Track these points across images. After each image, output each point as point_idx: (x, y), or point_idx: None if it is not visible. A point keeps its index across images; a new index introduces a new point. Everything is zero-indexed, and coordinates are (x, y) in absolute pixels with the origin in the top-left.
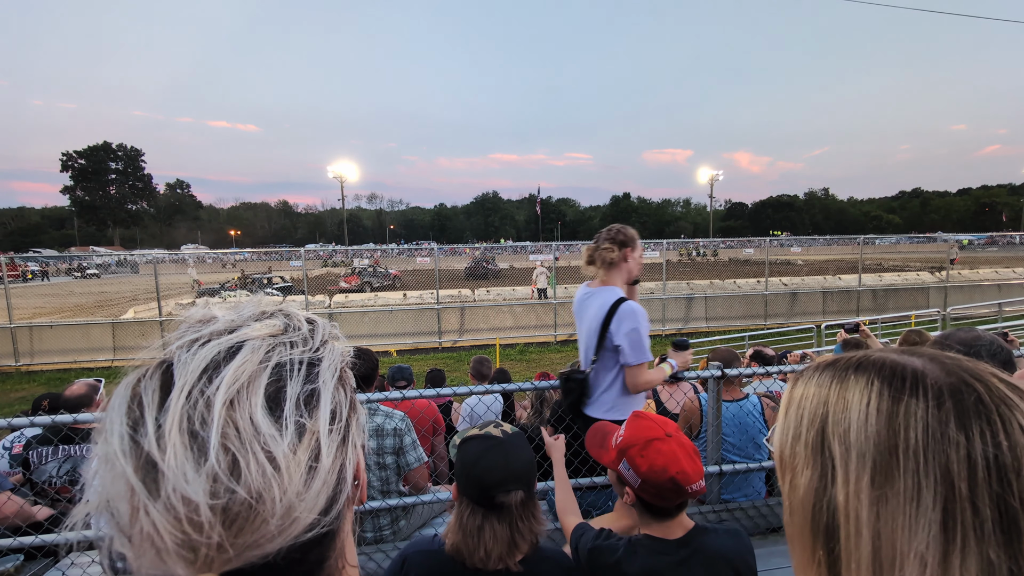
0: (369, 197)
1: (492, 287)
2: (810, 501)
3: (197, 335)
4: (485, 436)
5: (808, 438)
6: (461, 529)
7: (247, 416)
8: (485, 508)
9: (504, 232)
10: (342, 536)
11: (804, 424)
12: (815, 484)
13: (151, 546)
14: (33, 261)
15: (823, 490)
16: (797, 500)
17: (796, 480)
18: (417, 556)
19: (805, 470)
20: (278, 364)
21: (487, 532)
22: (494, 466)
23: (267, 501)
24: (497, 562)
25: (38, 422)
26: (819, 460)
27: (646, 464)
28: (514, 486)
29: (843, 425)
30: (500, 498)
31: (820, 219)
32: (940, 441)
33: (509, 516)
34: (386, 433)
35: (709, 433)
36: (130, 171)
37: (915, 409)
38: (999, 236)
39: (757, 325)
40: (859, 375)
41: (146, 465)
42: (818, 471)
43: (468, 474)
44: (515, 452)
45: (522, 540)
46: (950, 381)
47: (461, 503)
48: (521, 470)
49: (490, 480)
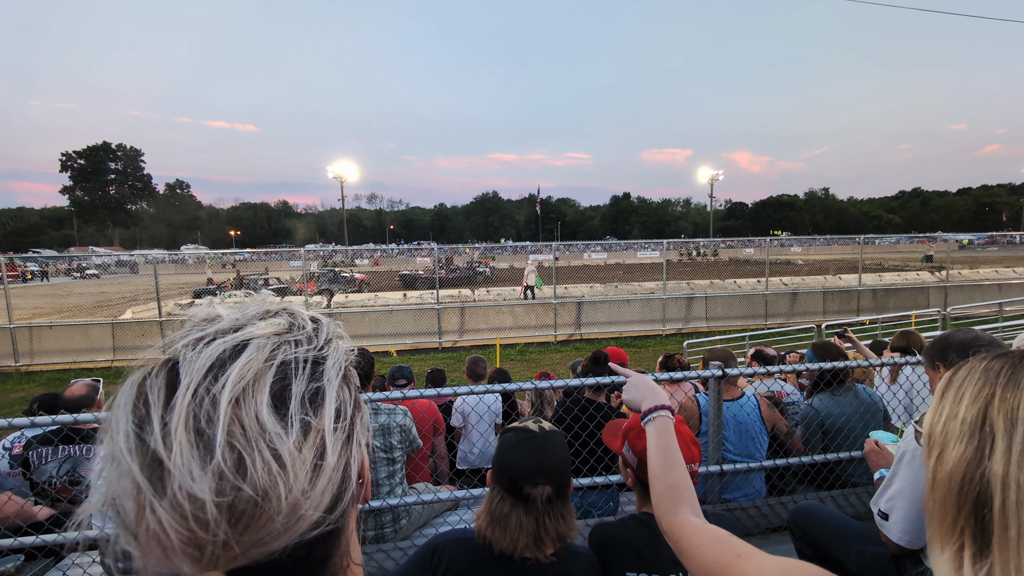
0: (369, 197)
1: (461, 288)
2: (960, 473)
3: (202, 333)
4: (522, 428)
5: (967, 415)
6: (490, 514)
7: (253, 414)
8: (513, 497)
9: (504, 232)
10: (347, 534)
11: (964, 403)
12: (968, 457)
13: (157, 544)
14: (32, 261)
15: (976, 463)
16: (944, 473)
17: (946, 454)
18: (450, 545)
19: (958, 445)
20: (283, 362)
21: (513, 521)
22: (524, 458)
23: (273, 499)
24: (524, 551)
25: (39, 422)
26: (976, 435)
27: (641, 444)
28: (542, 480)
29: (1011, 403)
30: (527, 489)
31: (820, 219)
32: None
33: (535, 509)
34: (392, 430)
35: (710, 433)
36: (130, 171)
37: None
38: (999, 236)
39: (757, 325)
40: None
41: (152, 463)
42: (974, 445)
43: (501, 462)
44: (548, 448)
45: (547, 536)
46: None
47: (493, 489)
48: (551, 466)
49: (519, 470)
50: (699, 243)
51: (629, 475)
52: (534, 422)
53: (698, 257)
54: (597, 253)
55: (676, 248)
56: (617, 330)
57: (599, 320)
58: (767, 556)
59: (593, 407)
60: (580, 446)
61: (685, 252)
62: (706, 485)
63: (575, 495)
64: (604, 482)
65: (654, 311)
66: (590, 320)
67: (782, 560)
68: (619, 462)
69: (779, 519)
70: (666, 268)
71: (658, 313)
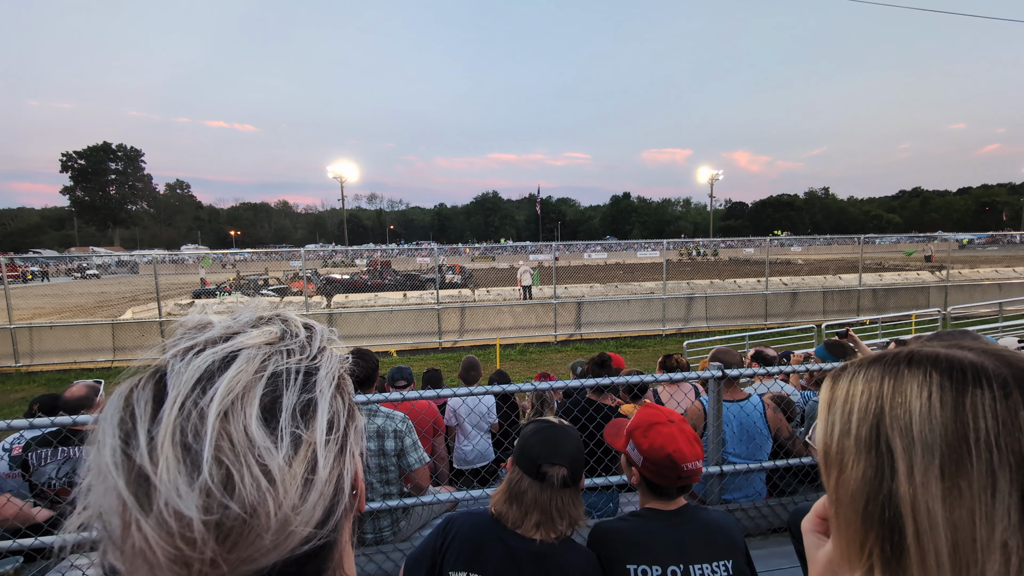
0: (369, 197)
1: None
2: (863, 495)
3: (192, 343)
4: (543, 420)
5: (860, 433)
6: (509, 491)
7: (241, 428)
8: (531, 477)
9: (504, 232)
10: (340, 547)
11: (854, 419)
12: (869, 477)
13: (143, 561)
14: (33, 262)
15: (879, 483)
16: (846, 494)
17: (845, 474)
18: (461, 517)
19: (856, 465)
20: (274, 374)
21: (529, 496)
22: (545, 443)
23: (262, 515)
24: (533, 530)
25: (37, 424)
26: (873, 454)
27: (647, 443)
28: (560, 461)
29: (904, 419)
30: (546, 468)
31: (820, 218)
32: (1012, 429)
33: (551, 487)
34: (387, 435)
35: (710, 433)
36: (130, 171)
37: (982, 400)
38: (1000, 235)
39: (757, 325)
40: (914, 369)
41: (138, 479)
42: (873, 465)
43: (523, 446)
44: (565, 436)
45: (559, 517)
46: (1012, 371)
47: (513, 471)
48: (568, 451)
49: (539, 452)
50: (699, 243)
51: (634, 473)
52: (553, 416)
53: (698, 257)
54: (597, 253)
55: (676, 248)
56: (617, 330)
57: (599, 320)
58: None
59: (593, 408)
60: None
61: (685, 252)
62: (706, 486)
63: None
64: (604, 483)
65: (654, 311)
66: (590, 320)
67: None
68: (622, 460)
69: (779, 520)
70: (666, 268)
71: (658, 313)
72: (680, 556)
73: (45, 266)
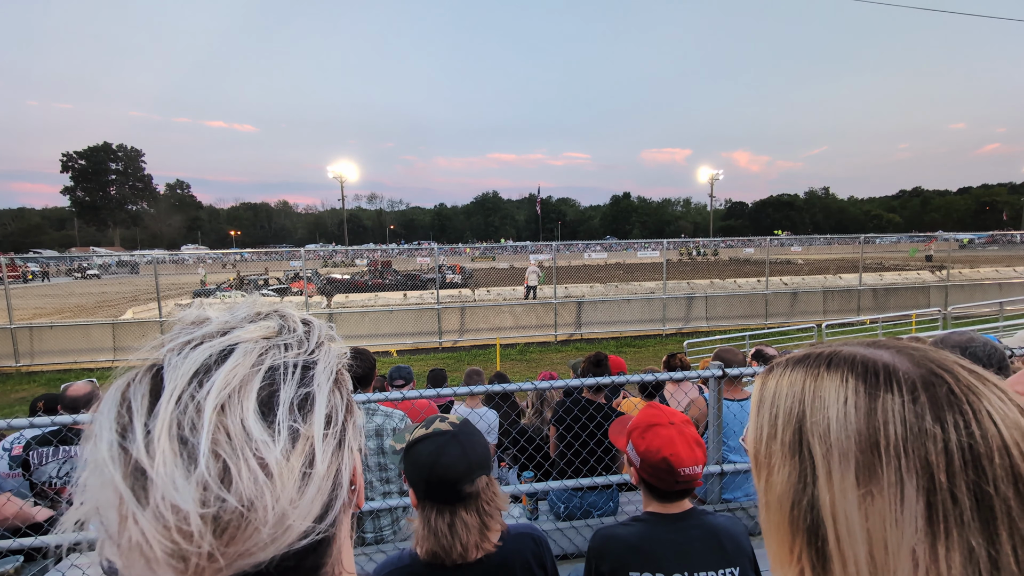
0: (369, 197)
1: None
2: (788, 499)
3: (189, 337)
4: (435, 433)
5: (784, 437)
6: (433, 533)
7: (238, 421)
8: (452, 504)
9: (504, 232)
10: (338, 542)
11: (780, 422)
12: (793, 482)
13: (140, 555)
14: (33, 262)
15: (802, 489)
16: (774, 498)
17: (772, 478)
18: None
19: (782, 468)
20: (271, 367)
21: (459, 526)
22: (455, 460)
23: (259, 509)
24: (475, 551)
25: (37, 423)
26: (797, 459)
27: (644, 444)
28: (478, 473)
29: (822, 425)
30: (467, 489)
31: (820, 218)
32: (918, 434)
33: (476, 502)
34: (386, 433)
35: (710, 432)
36: (130, 171)
37: (892, 404)
38: (1000, 235)
39: (758, 324)
40: (832, 371)
41: (135, 472)
42: (796, 470)
43: (429, 476)
44: (470, 441)
45: (491, 520)
46: (920, 373)
47: (425, 507)
48: (481, 457)
49: (454, 475)
50: (699, 243)
51: (634, 474)
52: (440, 420)
53: (698, 257)
54: (597, 253)
55: (676, 248)
56: (617, 330)
57: (599, 320)
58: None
59: (593, 407)
60: (580, 446)
61: (685, 252)
62: (706, 485)
63: (575, 495)
64: (604, 482)
65: (654, 311)
66: (590, 320)
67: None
68: (624, 459)
69: None
70: (666, 268)
71: (658, 313)
72: (685, 563)
73: (45, 266)
